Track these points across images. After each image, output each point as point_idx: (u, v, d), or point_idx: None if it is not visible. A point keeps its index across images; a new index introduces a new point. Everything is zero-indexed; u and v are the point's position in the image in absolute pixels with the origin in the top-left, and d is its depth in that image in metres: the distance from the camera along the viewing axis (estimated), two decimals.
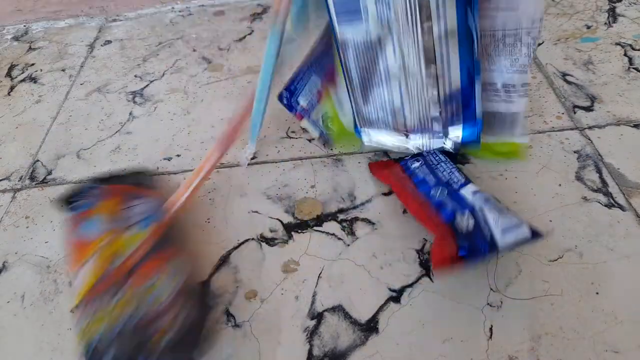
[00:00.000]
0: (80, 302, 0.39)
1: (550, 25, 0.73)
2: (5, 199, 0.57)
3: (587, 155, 0.53)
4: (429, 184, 0.46)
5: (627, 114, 0.57)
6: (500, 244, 0.39)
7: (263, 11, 0.86)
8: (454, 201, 0.43)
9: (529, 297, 0.41)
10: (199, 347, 0.40)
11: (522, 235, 0.39)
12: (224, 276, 0.46)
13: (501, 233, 0.39)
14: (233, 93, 0.68)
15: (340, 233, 0.49)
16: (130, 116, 0.67)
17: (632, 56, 0.65)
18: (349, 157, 0.56)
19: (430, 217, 0.43)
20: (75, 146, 0.63)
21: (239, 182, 0.55)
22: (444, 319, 0.41)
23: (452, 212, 0.42)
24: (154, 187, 0.51)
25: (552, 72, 0.65)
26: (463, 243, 0.39)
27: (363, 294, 0.43)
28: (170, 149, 0.61)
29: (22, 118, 0.69)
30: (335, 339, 0.41)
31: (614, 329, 0.39)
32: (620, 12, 0.74)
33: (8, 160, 0.62)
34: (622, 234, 0.45)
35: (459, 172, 0.47)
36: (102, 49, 0.81)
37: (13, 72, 0.79)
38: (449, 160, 0.48)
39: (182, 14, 0.88)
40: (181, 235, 0.46)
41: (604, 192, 0.49)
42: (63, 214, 0.48)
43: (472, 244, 0.39)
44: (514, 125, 0.51)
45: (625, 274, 0.42)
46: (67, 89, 0.73)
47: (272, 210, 0.52)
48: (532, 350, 0.38)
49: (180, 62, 0.76)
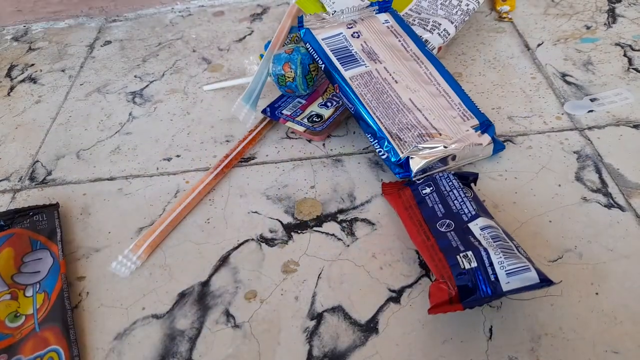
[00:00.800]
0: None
1: (550, 25, 0.73)
2: (5, 199, 0.57)
3: (587, 156, 0.53)
4: (437, 215, 0.44)
5: (626, 114, 0.57)
6: (505, 289, 0.37)
7: (263, 12, 0.86)
8: (459, 238, 0.41)
9: (529, 297, 0.41)
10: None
11: (529, 281, 0.37)
12: (224, 276, 0.46)
13: (506, 277, 0.37)
14: (233, 93, 0.68)
15: (340, 233, 0.49)
16: (130, 116, 0.67)
17: (631, 57, 0.65)
18: (348, 158, 0.56)
19: (432, 256, 0.42)
20: (75, 146, 0.63)
21: (239, 183, 0.55)
22: (444, 319, 0.41)
23: (455, 252, 0.40)
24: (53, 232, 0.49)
25: (552, 72, 0.65)
26: (463, 288, 0.38)
27: (363, 295, 0.43)
28: (170, 149, 0.61)
29: (21, 118, 0.69)
30: (335, 339, 0.41)
31: (614, 329, 0.39)
32: (619, 12, 0.74)
33: (8, 160, 0.62)
34: (622, 234, 0.45)
35: (470, 202, 0.44)
36: (101, 49, 0.82)
37: (13, 72, 0.79)
38: (462, 187, 0.46)
39: (182, 14, 0.88)
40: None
41: (603, 193, 0.49)
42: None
43: (473, 289, 0.38)
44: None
45: (625, 274, 0.42)
46: (67, 90, 0.73)
47: (271, 210, 0.52)
48: (532, 351, 0.38)
49: (180, 63, 0.76)
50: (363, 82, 0.54)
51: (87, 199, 0.55)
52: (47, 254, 0.47)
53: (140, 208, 0.54)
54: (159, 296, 0.45)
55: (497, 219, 0.46)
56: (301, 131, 0.57)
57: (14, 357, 0.40)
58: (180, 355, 0.41)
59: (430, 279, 0.44)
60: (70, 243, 0.51)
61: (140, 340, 0.42)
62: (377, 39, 0.58)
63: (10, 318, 0.43)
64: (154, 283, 0.46)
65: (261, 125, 0.61)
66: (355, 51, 0.56)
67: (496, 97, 0.62)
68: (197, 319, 0.43)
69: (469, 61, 0.68)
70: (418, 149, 0.49)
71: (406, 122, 0.51)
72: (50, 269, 0.46)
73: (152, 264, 0.48)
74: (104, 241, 0.51)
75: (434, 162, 0.50)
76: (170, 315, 0.44)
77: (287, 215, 0.51)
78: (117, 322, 0.44)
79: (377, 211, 0.50)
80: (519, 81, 0.64)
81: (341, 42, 0.57)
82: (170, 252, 0.49)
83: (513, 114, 0.59)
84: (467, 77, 0.66)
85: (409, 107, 0.52)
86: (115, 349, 0.42)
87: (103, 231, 0.52)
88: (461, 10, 0.68)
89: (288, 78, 0.58)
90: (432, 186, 0.47)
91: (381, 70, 0.55)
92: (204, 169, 0.57)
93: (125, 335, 0.43)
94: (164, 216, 0.51)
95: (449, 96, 0.55)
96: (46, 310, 0.43)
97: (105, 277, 0.47)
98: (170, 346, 0.42)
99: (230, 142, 0.60)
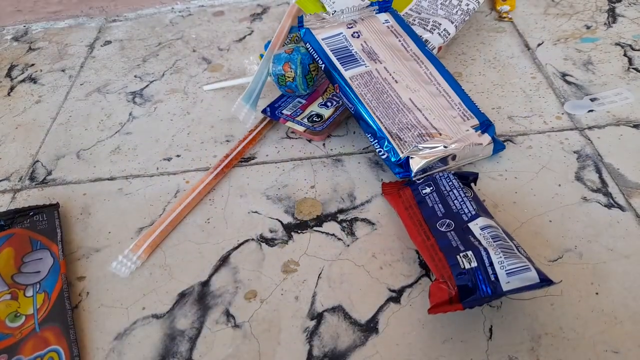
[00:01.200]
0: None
1: (550, 25, 0.73)
2: (5, 200, 0.57)
3: (587, 156, 0.53)
4: (437, 214, 0.44)
5: (626, 114, 0.57)
6: (505, 288, 0.37)
7: (263, 11, 0.86)
8: (459, 238, 0.41)
9: (529, 297, 0.41)
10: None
11: (529, 281, 0.37)
12: (224, 276, 0.46)
13: (506, 277, 0.37)
14: (233, 93, 0.68)
15: (340, 233, 0.49)
16: (130, 116, 0.67)
17: (631, 56, 0.65)
18: (348, 158, 0.56)
19: (432, 256, 0.41)
20: (75, 146, 0.63)
21: (239, 183, 0.55)
22: (444, 319, 0.41)
23: (455, 252, 0.40)
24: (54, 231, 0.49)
25: (552, 72, 0.65)
26: (463, 288, 0.38)
27: (363, 294, 0.43)
28: (170, 149, 0.61)
29: (21, 118, 0.69)
30: (335, 339, 0.41)
31: (614, 329, 0.39)
32: (619, 12, 0.74)
33: (8, 160, 0.62)
34: (622, 234, 0.45)
35: (470, 201, 0.44)
36: (102, 49, 0.82)
37: (13, 72, 0.79)
38: (462, 186, 0.46)
39: (182, 14, 0.88)
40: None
41: (603, 192, 0.49)
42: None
43: (473, 289, 0.38)
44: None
45: (625, 274, 0.42)
46: (67, 90, 0.73)
47: (271, 210, 0.52)
48: (532, 350, 0.38)
49: (180, 63, 0.76)
50: (363, 82, 0.54)
51: (87, 199, 0.55)
52: (47, 254, 0.47)
53: (140, 208, 0.54)
54: (159, 296, 0.45)
55: (497, 219, 0.46)
56: (301, 131, 0.57)
57: (14, 357, 0.40)
58: (181, 355, 0.41)
59: (430, 279, 0.44)
60: (71, 243, 0.51)
61: (141, 340, 0.42)
62: (377, 38, 0.58)
63: (11, 318, 0.43)
64: (154, 283, 0.46)
65: (261, 125, 0.61)
66: (355, 51, 0.56)
67: (496, 96, 0.62)
68: (197, 319, 0.43)
69: (469, 61, 0.68)
70: (418, 149, 0.49)
71: (406, 122, 0.51)
72: (51, 269, 0.46)
73: (152, 264, 0.48)
74: (104, 241, 0.51)
75: (434, 162, 0.50)
76: (171, 315, 0.44)
77: (287, 215, 0.51)
78: (117, 322, 0.44)
79: (377, 211, 0.50)
80: (519, 81, 0.64)
81: (341, 42, 0.57)
82: (170, 252, 0.49)
83: (513, 114, 0.59)
84: (467, 76, 0.66)
85: (409, 107, 0.52)
86: (115, 349, 0.42)
87: (103, 231, 0.52)
88: (461, 10, 0.68)
89: (288, 78, 0.58)
90: (432, 186, 0.47)
91: (381, 70, 0.55)
92: (204, 168, 0.58)
93: (125, 335, 0.43)
94: (164, 216, 0.51)
95: (449, 96, 0.55)
96: (46, 310, 0.43)
97: (106, 277, 0.47)
98: (170, 346, 0.42)
99: (230, 142, 0.60)
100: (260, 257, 0.47)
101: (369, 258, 0.46)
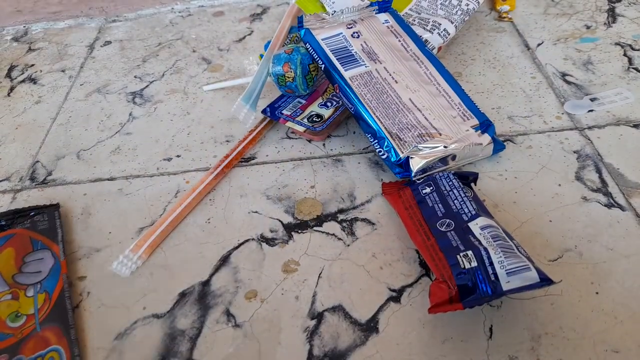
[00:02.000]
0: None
1: (549, 25, 0.73)
2: (6, 200, 0.57)
3: (587, 155, 0.53)
4: (437, 214, 0.44)
5: (626, 114, 0.57)
6: (505, 288, 0.37)
7: (263, 12, 0.86)
8: (459, 238, 0.41)
9: (529, 296, 0.41)
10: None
11: (530, 280, 0.37)
12: (224, 276, 0.46)
13: (506, 276, 0.37)
14: (233, 93, 0.68)
15: (340, 233, 0.49)
16: (130, 117, 0.67)
17: (631, 56, 0.65)
18: (348, 158, 0.56)
19: (432, 256, 0.41)
20: (75, 147, 0.63)
21: (239, 183, 0.55)
22: (444, 318, 0.41)
23: (455, 252, 0.40)
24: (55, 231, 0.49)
25: (552, 72, 0.65)
26: (463, 287, 0.38)
27: (363, 294, 0.43)
28: (170, 149, 0.61)
29: (21, 119, 0.69)
30: (335, 338, 0.41)
31: (614, 329, 0.39)
32: (619, 12, 0.74)
33: (8, 161, 0.62)
34: (622, 234, 0.45)
35: (470, 201, 0.44)
36: (101, 49, 0.82)
37: (13, 72, 0.79)
38: (462, 186, 0.46)
39: (182, 14, 0.88)
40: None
41: (603, 192, 0.49)
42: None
43: (473, 288, 0.38)
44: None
45: (625, 274, 0.42)
46: (67, 90, 0.73)
47: (272, 210, 0.52)
48: (532, 350, 0.38)
49: (180, 63, 0.76)
50: (363, 82, 0.54)
51: (87, 199, 0.55)
52: (48, 254, 0.48)
53: (140, 208, 0.54)
54: (159, 296, 0.45)
55: (497, 219, 0.46)
56: (301, 131, 0.57)
57: (15, 357, 0.40)
58: (181, 355, 0.41)
59: (431, 279, 0.44)
60: (71, 243, 0.51)
61: (141, 340, 0.42)
62: (377, 39, 0.58)
63: (12, 318, 0.43)
64: (155, 283, 0.46)
65: (261, 125, 0.61)
66: (355, 51, 0.56)
67: (496, 96, 0.62)
68: (197, 319, 0.43)
69: (469, 61, 0.68)
70: (418, 149, 0.49)
71: (406, 122, 0.51)
72: (51, 269, 0.46)
73: (153, 264, 0.48)
74: (105, 241, 0.51)
75: (434, 162, 0.50)
76: (171, 314, 0.44)
77: (287, 215, 0.51)
78: (117, 321, 0.44)
79: (377, 211, 0.50)
80: (519, 81, 0.64)
81: (341, 42, 0.57)
82: (170, 252, 0.49)
83: (513, 114, 0.59)
84: (467, 76, 0.66)
85: (409, 107, 0.52)
86: (116, 349, 0.42)
87: (104, 231, 0.52)
88: (461, 10, 0.68)
89: (288, 78, 0.58)
90: (432, 186, 0.47)
91: (381, 70, 0.55)
92: (204, 169, 0.58)
93: (126, 335, 0.43)
94: (164, 216, 0.51)
95: (449, 96, 0.55)
96: (47, 310, 0.43)
97: (106, 277, 0.47)
98: (170, 346, 0.42)
99: (230, 142, 0.60)
100: (261, 257, 0.47)
101: (369, 258, 0.46)
